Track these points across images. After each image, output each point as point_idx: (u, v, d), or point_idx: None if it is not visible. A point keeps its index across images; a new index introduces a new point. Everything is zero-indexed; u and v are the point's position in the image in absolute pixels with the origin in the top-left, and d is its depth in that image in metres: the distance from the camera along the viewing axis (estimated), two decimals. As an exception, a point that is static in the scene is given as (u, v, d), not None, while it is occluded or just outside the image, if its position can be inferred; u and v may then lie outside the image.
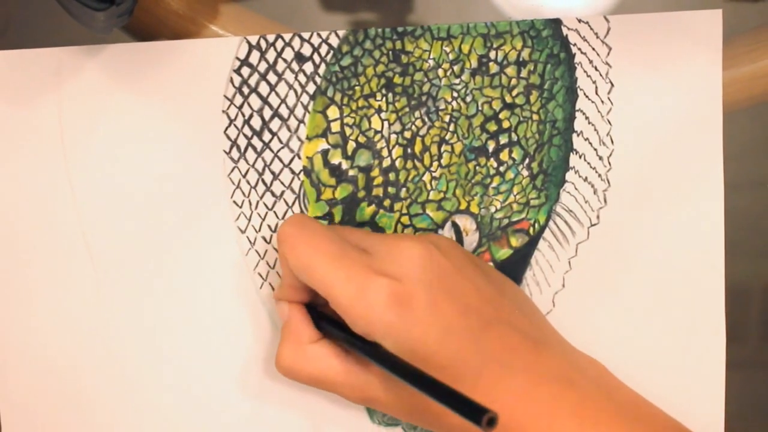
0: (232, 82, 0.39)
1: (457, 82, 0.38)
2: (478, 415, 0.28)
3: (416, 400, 0.34)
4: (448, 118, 0.39)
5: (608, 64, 0.38)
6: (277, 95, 0.39)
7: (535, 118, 0.39)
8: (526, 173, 0.39)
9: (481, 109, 0.39)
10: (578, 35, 0.38)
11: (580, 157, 0.39)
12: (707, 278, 0.39)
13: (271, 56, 0.39)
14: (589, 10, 0.39)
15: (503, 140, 0.39)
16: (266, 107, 0.39)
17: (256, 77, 0.39)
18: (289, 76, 0.39)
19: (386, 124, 0.39)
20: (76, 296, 0.40)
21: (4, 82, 0.39)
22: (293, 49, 0.39)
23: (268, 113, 0.39)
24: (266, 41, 0.39)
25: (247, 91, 0.39)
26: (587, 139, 0.39)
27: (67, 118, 0.39)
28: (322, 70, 0.39)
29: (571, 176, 0.39)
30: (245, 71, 0.39)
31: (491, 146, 0.39)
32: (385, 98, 0.39)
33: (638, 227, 0.39)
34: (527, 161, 0.39)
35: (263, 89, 0.39)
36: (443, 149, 0.39)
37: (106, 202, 0.39)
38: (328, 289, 0.33)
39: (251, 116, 0.39)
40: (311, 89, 0.39)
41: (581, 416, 0.33)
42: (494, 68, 0.38)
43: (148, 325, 0.40)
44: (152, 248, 0.39)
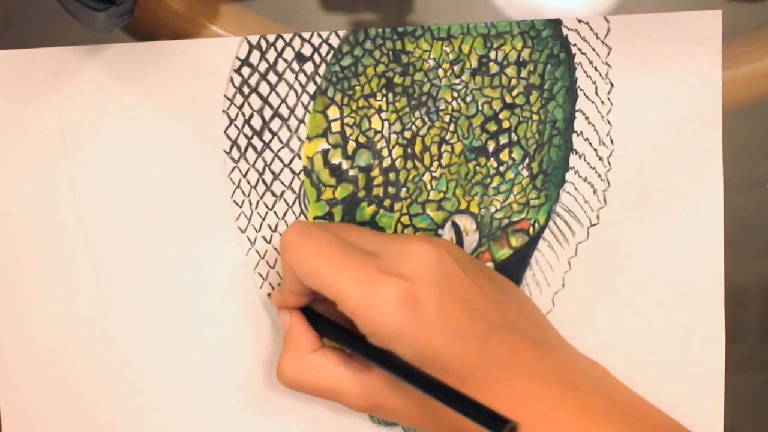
0: (232, 82, 0.39)
1: (457, 82, 0.38)
2: (498, 425, 0.28)
3: (424, 405, 0.33)
4: (448, 118, 0.39)
5: (608, 64, 0.38)
6: (277, 95, 0.39)
7: (535, 118, 0.39)
8: (526, 173, 0.39)
9: (481, 109, 0.39)
10: (578, 35, 0.38)
11: (579, 157, 0.39)
12: (707, 278, 0.39)
13: (271, 56, 0.39)
14: (589, 10, 0.39)
15: (503, 140, 0.39)
16: (266, 107, 0.39)
17: (256, 77, 0.39)
18: (289, 76, 0.39)
19: (386, 124, 0.39)
20: (76, 295, 0.40)
21: (4, 81, 0.39)
22: (293, 49, 0.39)
23: (268, 113, 0.39)
24: (266, 41, 0.39)
25: (247, 91, 0.39)
26: (587, 139, 0.39)
27: (67, 117, 0.39)
28: (322, 70, 0.39)
29: (570, 176, 0.39)
30: (246, 71, 0.39)
31: (491, 146, 0.39)
32: (385, 98, 0.39)
33: (638, 227, 0.39)
34: (527, 161, 0.39)
35: (264, 89, 0.39)
36: (443, 149, 0.39)
37: (106, 201, 0.39)
38: (336, 291, 0.33)
39: (251, 116, 0.39)
40: (311, 89, 0.39)
41: (584, 418, 0.33)
42: (494, 68, 0.38)
43: (148, 324, 0.40)
44: (152, 248, 0.40)
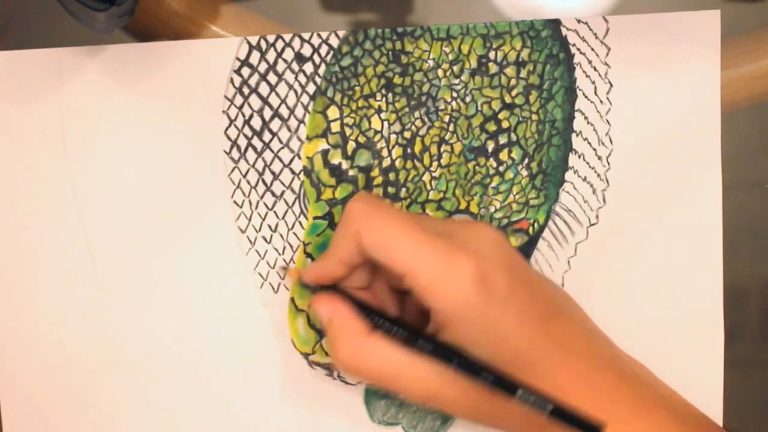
0: (232, 82, 0.39)
1: (456, 82, 0.39)
2: (588, 427, 0.30)
3: (484, 396, 0.33)
4: (447, 118, 0.39)
5: (607, 64, 0.38)
6: (277, 95, 0.39)
7: (534, 118, 0.39)
8: (525, 173, 0.39)
9: (480, 109, 0.39)
10: (577, 36, 0.38)
11: (579, 157, 0.39)
12: (706, 278, 0.39)
13: (271, 57, 0.39)
14: (588, 10, 0.39)
15: (503, 140, 0.39)
16: (266, 107, 0.39)
17: (256, 77, 0.39)
18: (289, 76, 0.39)
19: (386, 124, 0.39)
20: (77, 295, 0.40)
21: (5, 82, 0.39)
22: (293, 49, 0.39)
23: (268, 113, 0.39)
24: (266, 42, 0.39)
25: (247, 91, 0.39)
26: (586, 139, 0.39)
27: (68, 118, 0.39)
28: (322, 70, 0.39)
29: (570, 176, 0.39)
30: (245, 71, 0.39)
31: (491, 146, 0.39)
32: (384, 98, 0.39)
33: (637, 227, 0.39)
34: (526, 161, 0.39)
35: (263, 89, 0.39)
36: (443, 149, 0.39)
37: (106, 201, 0.39)
38: (408, 266, 0.32)
39: (251, 116, 0.39)
40: (311, 89, 0.39)
41: (636, 406, 0.34)
42: (494, 68, 0.38)
43: (148, 324, 0.40)
44: (153, 248, 0.40)
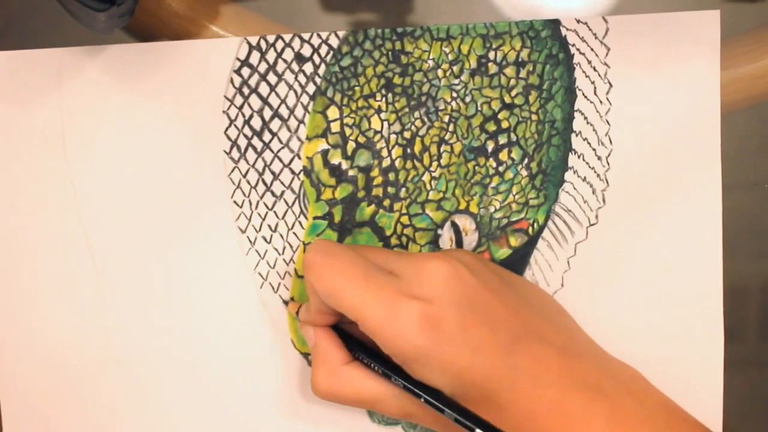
0: (232, 82, 0.39)
1: (456, 82, 0.39)
2: None
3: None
4: (447, 118, 0.39)
5: (607, 64, 0.38)
6: (277, 96, 0.39)
7: (534, 118, 0.39)
8: (525, 173, 0.39)
9: (480, 109, 0.39)
10: (577, 36, 0.38)
11: (578, 157, 0.39)
12: (706, 278, 0.39)
13: (271, 57, 0.39)
14: (587, 10, 0.39)
15: (502, 140, 0.39)
16: (266, 107, 0.39)
17: (256, 78, 0.39)
18: (289, 76, 0.39)
19: (386, 124, 0.39)
20: (77, 295, 0.40)
21: (5, 82, 0.39)
22: (293, 49, 0.39)
23: (268, 113, 0.39)
24: (266, 42, 0.39)
25: (247, 91, 0.39)
26: (586, 139, 0.39)
27: (68, 118, 0.39)
28: (322, 70, 0.39)
29: (569, 176, 0.39)
30: (245, 72, 0.39)
31: (490, 146, 0.39)
32: (384, 99, 0.39)
33: (637, 227, 0.39)
34: (526, 161, 0.39)
35: (263, 90, 0.39)
36: (443, 149, 0.39)
37: (107, 201, 0.39)
38: (357, 312, 0.33)
39: (251, 116, 0.39)
40: (311, 90, 0.39)
41: (612, 425, 0.33)
42: (493, 69, 0.38)
43: (148, 324, 0.40)
44: (153, 248, 0.40)
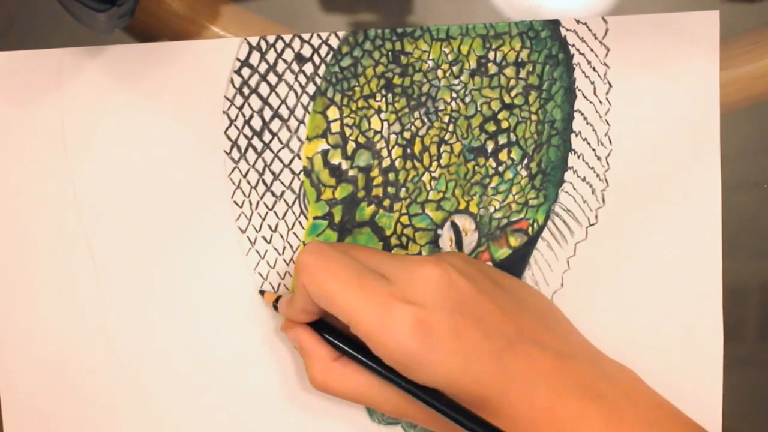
0: (232, 82, 0.39)
1: (456, 82, 0.39)
2: None
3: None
4: (447, 118, 0.39)
5: (606, 64, 0.39)
6: (277, 96, 0.39)
7: (533, 118, 0.39)
8: (524, 173, 0.39)
9: (480, 109, 0.39)
10: (576, 36, 0.38)
11: (578, 157, 0.39)
12: (705, 278, 0.39)
13: (271, 57, 0.39)
14: (587, 11, 0.39)
15: (502, 140, 0.39)
16: (266, 108, 0.39)
17: (256, 78, 0.39)
18: (289, 76, 0.39)
19: (386, 124, 0.39)
20: (77, 295, 0.40)
21: (5, 82, 0.39)
22: (293, 50, 0.39)
23: (268, 114, 0.39)
24: (266, 42, 0.39)
25: (247, 91, 0.39)
26: (585, 139, 0.39)
27: (68, 118, 0.39)
28: (322, 70, 0.39)
29: (569, 176, 0.39)
30: (245, 72, 0.39)
31: (490, 146, 0.39)
32: (384, 99, 0.39)
33: (636, 227, 0.39)
34: (526, 161, 0.39)
35: (263, 90, 0.39)
36: (442, 149, 0.39)
37: (107, 201, 0.40)
38: (349, 316, 0.33)
39: (251, 117, 0.39)
40: (311, 90, 0.39)
41: (609, 428, 0.33)
42: (493, 69, 0.39)
43: (148, 324, 0.40)
44: (153, 248, 0.40)
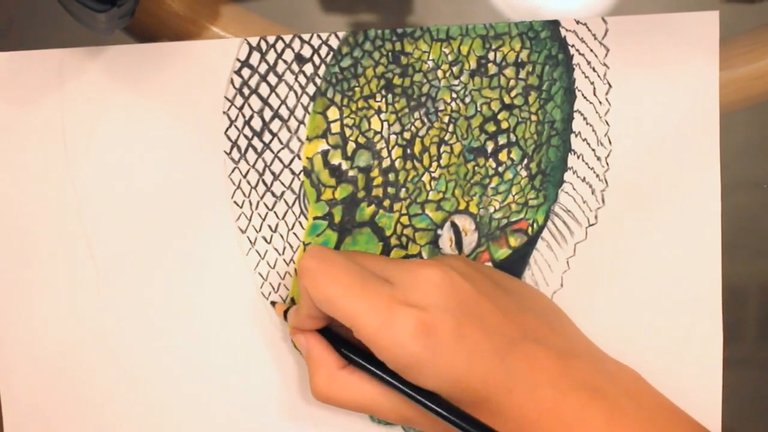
0: (232, 83, 0.39)
1: (456, 83, 0.39)
2: None
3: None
4: (447, 118, 0.39)
5: (606, 65, 0.39)
6: (277, 96, 0.39)
7: (533, 118, 0.39)
8: (524, 173, 0.39)
9: (480, 109, 0.39)
10: (576, 36, 0.38)
11: (578, 157, 0.39)
12: (705, 278, 0.39)
13: (271, 57, 0.39)
14: (587, 11, 0.39)
15: (502, 141, 0.39)
16: (266, 108, 0.39)
17: (256, 78, 0.39)
18: (289, 77, 0.39)
19: (386, 124, 0.39)
20: (77, 295, 0.40)
21: (6, 83, 0.39)
22: (293, 50, 0.39)
23: (268, 114, 0.39)
24: (266, 42, 0.39)
25: (247, 92, 0.39)
26: (585, 139, 0.39)
27: (68, 118, 0.39)
28: (322, 71, 0.39)
29: (569, 176, 0.39)
30: (246, 72, 0.39)
31: (490, 147, 0.39)
32: (384, 99, 0.39)
33: (636, 227, 0.39)
34: (526, 162, 0.39)
35: (263, 90, 0.39)
36: (442, 150, 0.39)
37: (107, 202, 0.40)
38: (352, 320, 0.33)
39: (252, 117, 0.39)
40: (311, 90, 0.39)
41: (611, 426, 0.33)
42: (493, 69, 0.39)
43: (149, 324, 0.40)
44: (153, 248, 0.40)
